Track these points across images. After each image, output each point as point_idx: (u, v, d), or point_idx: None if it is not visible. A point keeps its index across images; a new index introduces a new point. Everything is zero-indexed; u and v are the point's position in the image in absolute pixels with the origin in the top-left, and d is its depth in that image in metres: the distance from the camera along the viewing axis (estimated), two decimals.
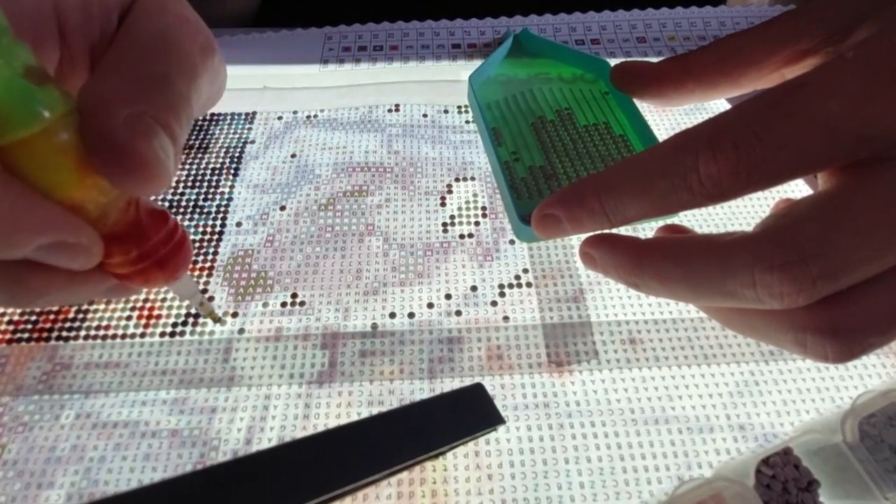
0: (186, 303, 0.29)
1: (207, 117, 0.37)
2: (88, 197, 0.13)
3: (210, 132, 0.37)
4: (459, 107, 0.38)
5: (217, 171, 0.34)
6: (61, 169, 0.12)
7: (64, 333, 0.28)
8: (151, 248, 0.15)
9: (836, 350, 0.15)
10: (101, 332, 0.28)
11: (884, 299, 0.15)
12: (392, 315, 0.28)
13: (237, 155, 0.35)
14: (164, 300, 0.29)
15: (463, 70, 0.40)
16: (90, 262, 0.14)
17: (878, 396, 0.24)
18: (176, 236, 0.16)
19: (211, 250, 0.31)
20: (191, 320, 0.28)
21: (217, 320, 0.21)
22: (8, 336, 0.28)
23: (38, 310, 0.28)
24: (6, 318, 0.28)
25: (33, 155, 0.12)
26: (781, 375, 0.26)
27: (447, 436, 0.24)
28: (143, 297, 0.29)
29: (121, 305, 0.29)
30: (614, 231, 0.18)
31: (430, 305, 0.29)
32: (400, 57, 0.41)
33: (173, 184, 0.34)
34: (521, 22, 0.43)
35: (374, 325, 0.28)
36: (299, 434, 0.25)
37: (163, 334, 0.28)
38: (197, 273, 0.30)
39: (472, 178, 0.34)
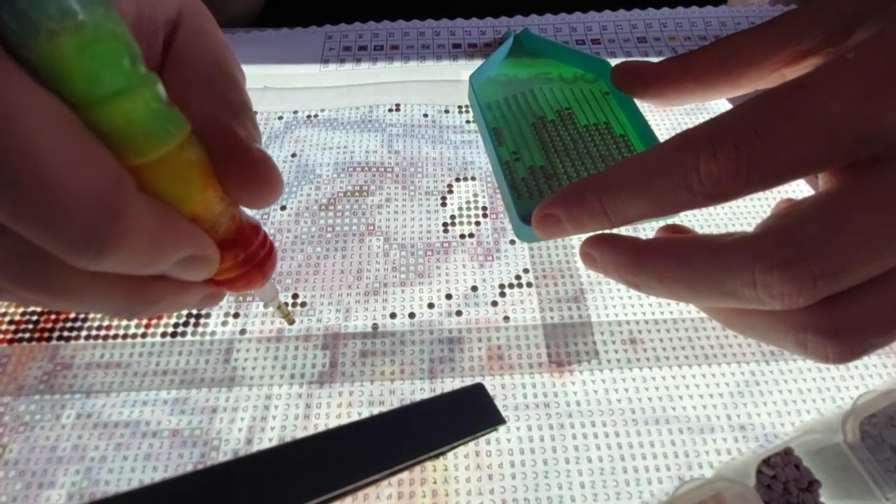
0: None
1: None
2: (208, 207, 0.14)
3: None
4: (460, 107, 0.38)
5: None
6: (189, 182, 0.13)
7: (65, 333, 0.28)
8: (253, 252, 0.16)
9: (837, 350, 0.15)
10: (103, 332, 0.28)
11: (885, 299, 0.15)
12: (393, 315, 0.28)
13: None
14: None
15: (463, 70, 0.40)
16: (212, 271, 0.15)
17: (879, 396, 0.24)
18: (268, 241, 0.17)
19: None
20: (192, 321, 0.28)
21: (291, 322, 0.23)
22: (9, 336, 0.28)
23: (39, 309, 0.28)
24: (7, 318, 0.28)
25: (166, 171, 0.13)
26: (782, 375, 0.26)
27: (448, 436, 0.24)
28: None
29: None
30: (615, 231, 0.18)
31: (431, 305, 0.29)
32: (400, 56, 0.41)
33: None
34: (522, 22, 0.43)
35: (375, 326, 0.28)
36: (300, 434, 0.25)
37: (164, 334, 0.28)
38: None
39: (473, 178, 0.34)
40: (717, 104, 0.37)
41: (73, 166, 0.10)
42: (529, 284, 0.29)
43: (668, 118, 0.37)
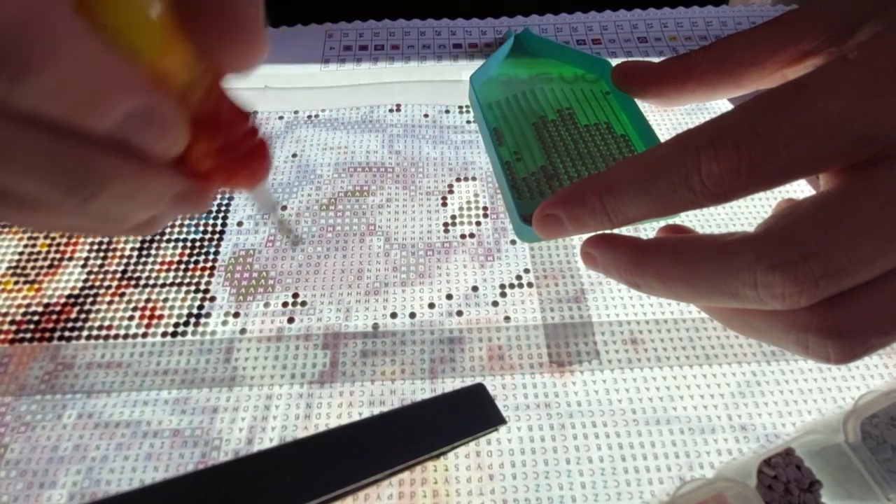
0: (184, 301, 0.29)
1: None
2: (172, 65, 0.12)
3: None
4: (461, 107, 0.38)
5: None
6: (146, 28, 0.11)
7: (66, 333, 0.28)
8: (237, 140, 0.13)
9: (839, 351, 0.15)
10: (104, 333, 0.28)
11: (886, 300, 0.15)
12: (393, 315, 0.28)
13: None
14: (165, 300, 0.29)
15: (464, 70, 0.40)
16: (177, 143, 0.12)
17: (881, 397, 0.24)
18: (258, 134, 0.14)
19: (212, 250, 0.31)
20: (192, 321, 0.28)
21: (296, 243, 0.19)
22: (10, 336, 0.28)
23: (40, 309, 0.28)
24: (8, 318, 0.28)
25: (119, 10, 0.11)
26: (783, 376, 0.26)
27: (448, 436, 0.24)
28: (144, 297, 0.29)
29: (122, 306, 0.29)
30: (616, 231, 0.18)
31: (432, 305, 0.29)
32: (401, 57, 0.41)
33: None
34: (523, 22, 0.43)
35: (376, 325, 0.28)
36: (301, 434, 0.25)
37: (164, 334, 0.28)
38: (198, 273, 0.30)
39: (474, 178, 0.34)
40: (719, 104, 0.37)
41: None
42: (530, 284, 0.29)
43: (668, 118, 0.37)
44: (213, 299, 0.29)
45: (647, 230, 0.31)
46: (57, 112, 0.10)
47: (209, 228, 0.32)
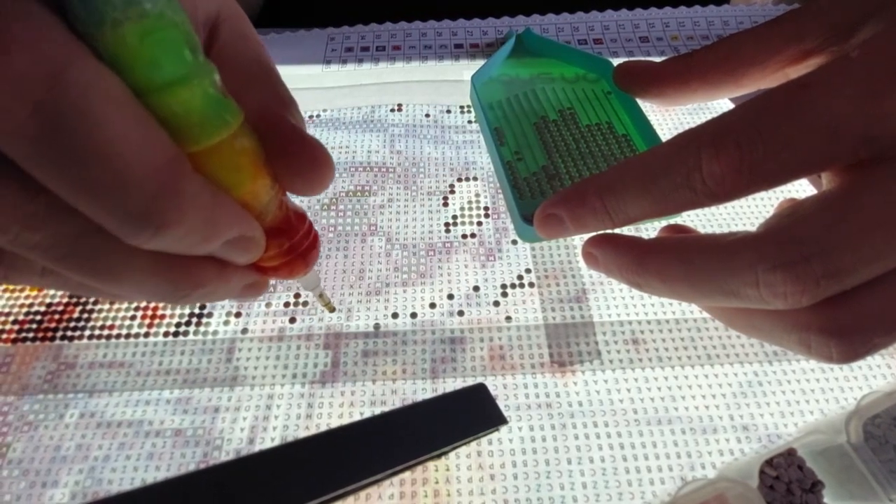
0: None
1: None
2: (258, 195, 0.14)
3: None
4: (462, 107, 0.38)
5: None
6: (241, 169, 0.13)
7: (69, 333, 0.28)
8: (298, 241, 0.16)
9: (841, 350, 0.15)
10: (106, 332, 0.28)
11: (888, 299, 0.15)
12: (395, 315, 0.28)
13: None
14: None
15: (465, 70, 0.40)
16: (257, 255, 0.15)
17: (883, 397, 0.24)
18: (312, 231, 0.17)
19: None
20: (194, 320, 0.28)
21: (332, 310, 0.23)
22: (13, 335, 0.28)
23: (43, 309, 0.29)
24: (11, 318, 0.28)
25: (220, 158, 0.13)
26: (785, 376, 0.26)
27: (450, 436, 0.24)
28: None
29: (125, 305, 0.29)
30: (617, 231, 0.18)
31: (433, 305, 0.29)
32: (402, 57, 0.41)
33: None
34: (524, 21, 0.43)
35: (377, 325, 0.28)
36: (302, 434, 0.25)
37: (166, 334, 0.28)
38: None
39: (475, 178, 0.34)
40: (720, 104, 0.37)
41: (137, 145, 0.11)
42: (531, 284, 0.29)
43: (670, 118, 0.37)
44: None
45: (649, 230, 0.31)
46: (176, 250, 0.13)
47: None
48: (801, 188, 0.33)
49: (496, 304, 0.29)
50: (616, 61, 0.23)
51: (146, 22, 0.11)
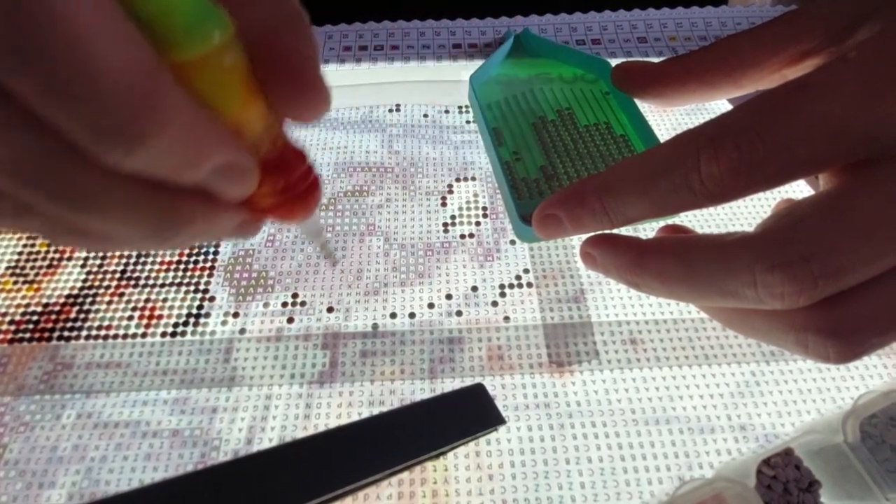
0: (183, 301, 0.29)
1: None
2: (249, 121, 0.13)
3: None
4: (460, 107, 0.38)
5: None
6: (230, 89, 0.12)
7: (65, 333, 0.28)
8: (296, 180, 0.15)
9: (838, 350, 0.15)
10: (103, 332, 0.28)
11: (886, 299, 0.15)
12: (393, 315, 0.28)
13: None
14: (165, 300, 0.29)
15: (464, 70, 0.40)
16: (250, 188, 0.14)
17: (880, 397, 0.24)
18: (312, 172, 0.16)
19: (211, 250, 0.31)
20: (192, 320, 0.28)
21: (335, 262, 0.22)
22: (10, 336, 0.28)
23: (39, 309, 0.28)
24: (8, 318, 0.28)
25: (206, 73, 0.12)
26: (782, 376, 0.26)
27: (448, 436, 0.24)
28: (144, 297, 0.29)
29: (122, 305, 0.29)
30: (615, 231, 0.18)
31: (431, 305, 0.29)
32: (401, 57, 0.41)
33: None
34: (522, 22, 0.43)
35: (375, 326, 0.28)
36: (300, 434, 0.25)
37: (164, 334, 0.28)
38: (198, 273, 0.30)
39: (473, 178, 0.34)
40: (718, 104, 0.37)
41: (113, 45, 0.09)
42: (530, 284, 0.29)
43: (668, 118, 0.37)
44: (212, 299, 0.29)
45: (647, 230, 0.31)
46: (156, 172, 0.11)
47: None
48: (799, 189, 0.33)
49: (494, 304, 0.29)
50: (614, 62, 0.23)
51: None
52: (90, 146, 0.10)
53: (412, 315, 0.28)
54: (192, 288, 0.29)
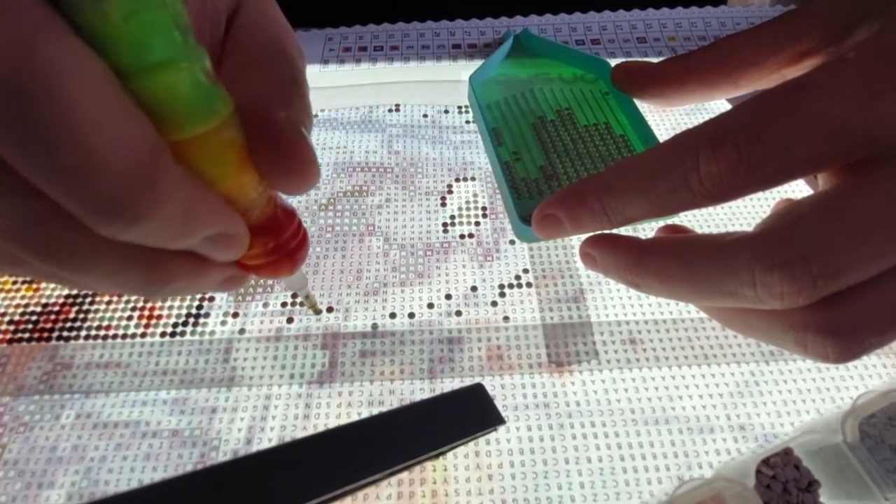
0: (182, 301, 0.29)
1: None
2: (242, 190, 0.13)
3: None
4: (460, 107, 0.38)
5: None
6: (226, 163, 0.13)
7: (65, 333, 0.28)
8: (284, 241, 0.16)
9: (837, 350, 0.15)
10: (102, 332, 0.28)
11: (885, 299, 0.15)
12: (392, 315, 0.28)
13: None
14: (164, 300, 0.29)
15: (463, 70, 0.40)
16: (239, 252, 0.14)
17: (879, 397, 0.24)
18: (301, 231, 0.16)
19: None
20: (191, 321, 0.28)
21: (318, 312, 0.22)
22: (9, 336, 0.28)
23: (38, 309, 0.28)
24: (7, 318, 0.28)
25: (204, 150, 0.12)
26: (782, 376, 0.26)
27: (447, 436, 0.24)
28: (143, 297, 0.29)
29: (121, 305, 0.29)
30: (615, 231, 0.18)
31: (431, 305, 0.29)
32: (400, 57, 0.41)
33: None
34: (522, 22, 0.43)
35: (375, 326, 0.28)
36: (300, 434, 0.25)
37: (163, 334, 0.28)
38: None
39: (473, 179, 0.34)
40: (717, 104, 0.37)
41: (114, 129, 0.10)
42: (529, 284, 0.29)
43: (667, 118, 0.37)
44: (211, 299, 0.29)
45: (647, 230, 0.31)
46: (150, 243, 0.12)
47: None
48: (798, 188, 0.33)
49: (494, 304, 0.29)
50: (614, 62, 0.23)
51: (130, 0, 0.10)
52: (86, 220, 0.11)
53: (412, 315, 0.28)
54: None
